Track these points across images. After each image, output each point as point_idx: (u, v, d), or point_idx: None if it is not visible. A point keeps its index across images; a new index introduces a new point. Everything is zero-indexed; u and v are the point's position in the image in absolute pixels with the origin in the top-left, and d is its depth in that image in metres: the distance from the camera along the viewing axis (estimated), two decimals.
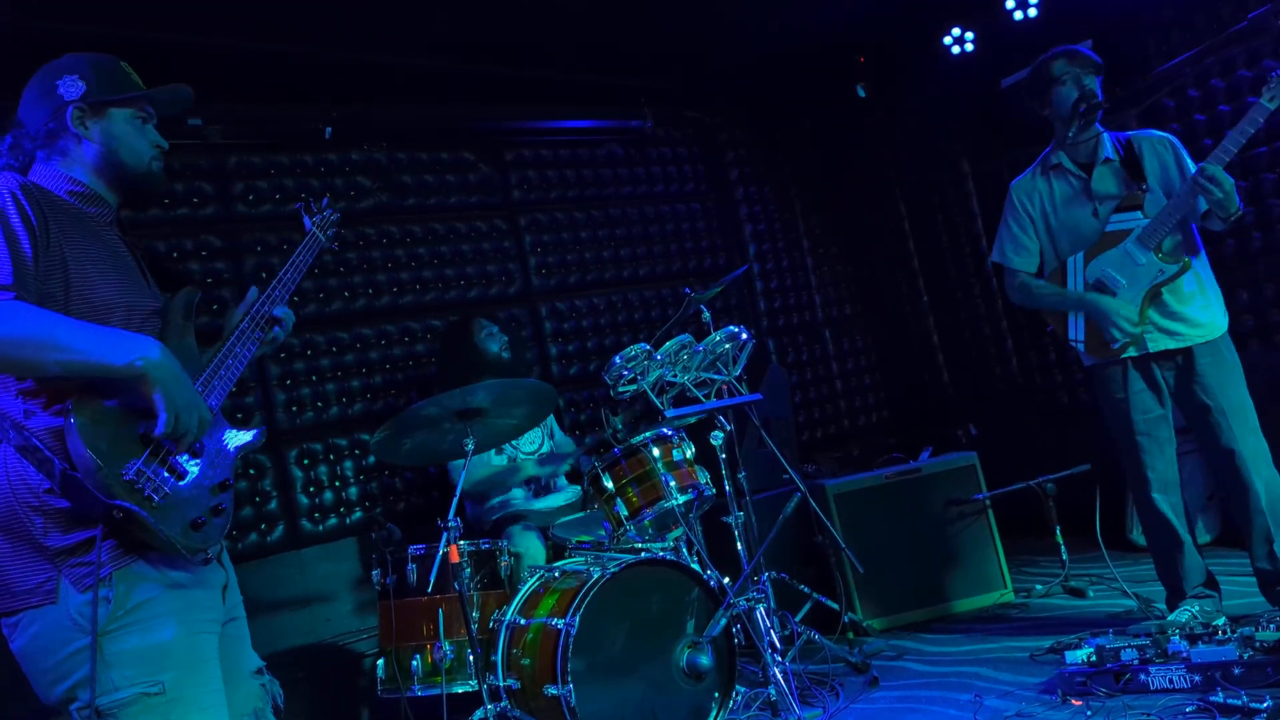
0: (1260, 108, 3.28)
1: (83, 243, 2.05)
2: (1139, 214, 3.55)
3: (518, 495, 4.58)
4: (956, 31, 5.86)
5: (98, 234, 2.12)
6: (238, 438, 2.23)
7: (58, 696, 1.92)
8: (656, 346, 3.73)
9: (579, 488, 4.68)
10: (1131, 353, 3.59)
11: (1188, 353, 3.55)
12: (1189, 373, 3.55)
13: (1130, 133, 3.71)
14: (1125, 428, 3.68)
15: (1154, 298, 3.53)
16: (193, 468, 2.03)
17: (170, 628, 1.95)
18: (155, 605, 1.94)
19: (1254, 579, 3.62)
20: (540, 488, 4.63)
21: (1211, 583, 3.68)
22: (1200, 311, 3.55)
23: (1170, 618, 3.58)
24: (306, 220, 2.69)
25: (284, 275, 2.46)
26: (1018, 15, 5.48)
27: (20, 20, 3.79)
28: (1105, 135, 3.68)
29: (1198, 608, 3.57)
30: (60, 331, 1.87)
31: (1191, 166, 3.52)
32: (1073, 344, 3.71)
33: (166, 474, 1.95)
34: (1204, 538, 5.00)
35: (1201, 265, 3.60)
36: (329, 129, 5.05)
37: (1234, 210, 3.38)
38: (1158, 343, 3.56)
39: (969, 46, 5.86)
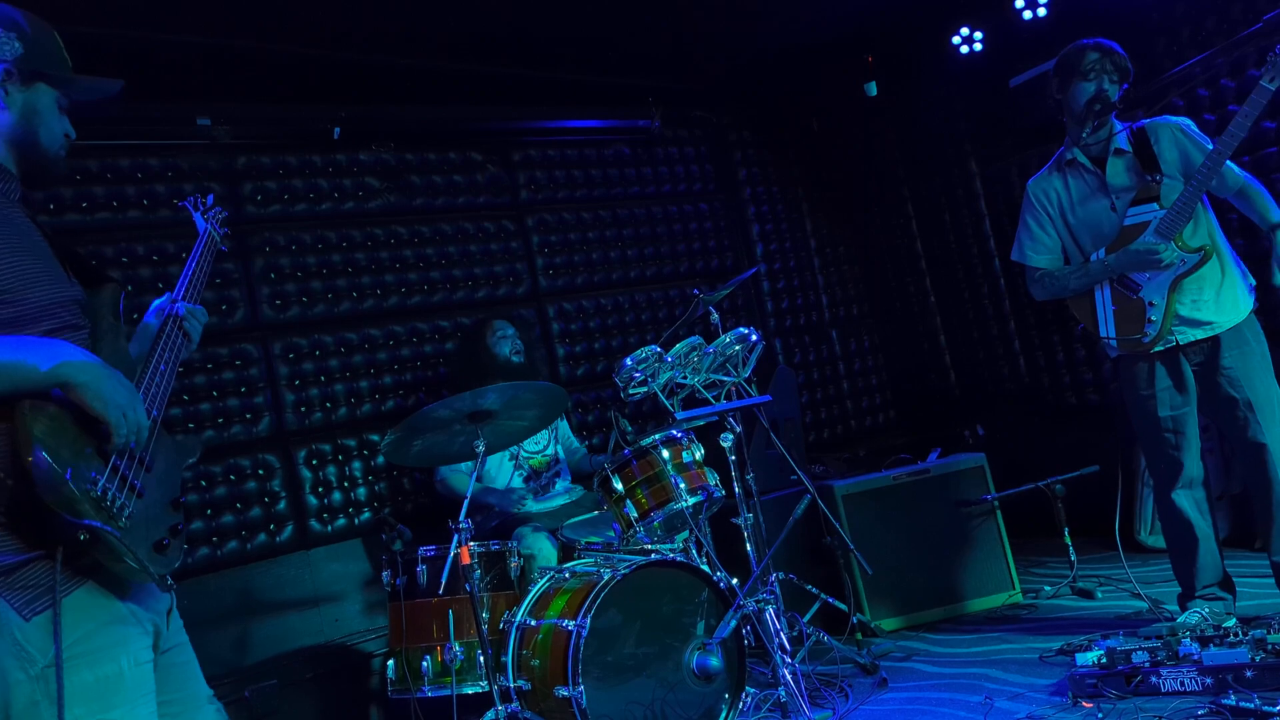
0: (1261, 90, 3.27)
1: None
2: (1155, 205, 3.52)
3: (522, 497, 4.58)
4: (965, 31, 5.85)
5: (6, 214, 1.90)
6: (181, 448, 2.10)
7: None
8: (666, 348, 3.74)
9: (581, 487, 4.69)
10: (1159, 347, 3.58)
11: (1214, 341, 3.52)
12: (1215, 362, 3.52)
13: (1142, 121, 3.67)
14: (1150, 423, 3.67)
15: (1177, 288, 3.51)
16: (148, 485, 1.86)
17: (118, 659, 1.79)
18: (102, 635, 1.78)
19: (1267, 580, 3.62)
20: (540, 487, 4.63)
21: (1227, 584, 3.67)
22: (1222, 296, 3.51)
23: (1180, 619, 3.58)
24: (199, 221, 2.48)
25: (194, 278, 2.31)
26: (1027, 15, 5.47)
27: None
28: (1117, 126, 3.66)
29: (1207, 609, 3.56)
30: None
31: (1207, 144, 3.49)
32: (1104, 340, 3.68)
33: (129, 492, 1.78)
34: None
35: (1224, 245, 3.56)
36: (337, 129, 5.06)
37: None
38: (1185, 335, 3.55)
39: (978, 46, 5.86)
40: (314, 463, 4.90)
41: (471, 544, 3.43)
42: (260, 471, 4.76)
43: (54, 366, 1.73)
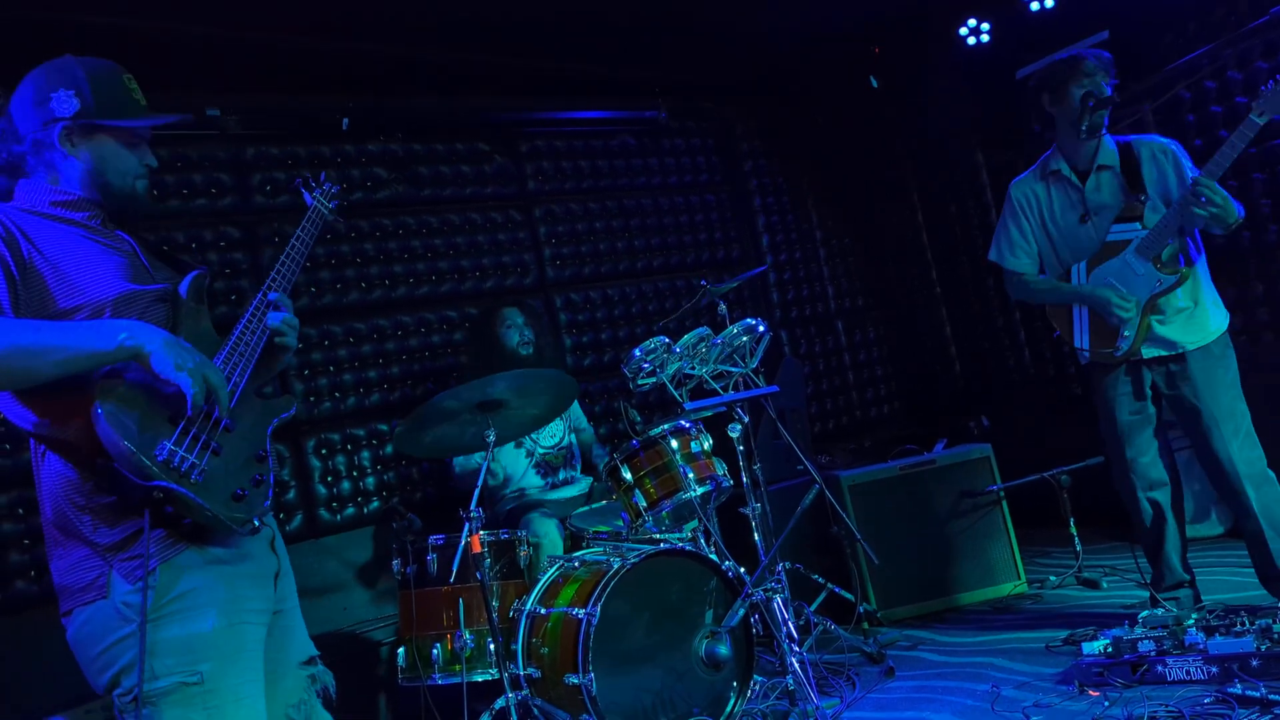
0: (1250, 123, 3.30)
1: (63, 247, 2.04)
2: (1138, 225, 3.58)
3: (534, 486, 4.60)
4: (972, 22, 5.85)
5: (84, 235, 2.11)
6: (270, 408, 2.21)
7: (104, 684, 1.95)
8: (674, 339, 3.75)
9: (590, 479, 4.71)
10: (1119, 353, 3.63)
11: (1180, 358, 3.59)
12: (1181, 376, 3.59)
13: (1131, 136, 3.72)
14: (1110, 426, 3.77)
15: (1153, 308, 3.56)
16: (227, 443, 2.02)
17: (211, 617, 1.95)
18: (198, 595, 1.95)
19: None
20: (558, 481, 4.65)
21: (1184, 584, 3.77)
22: (1191, 324, 3.57)
23: (1144, 614, 3.57)
24: (307, 196, 2.63)
25: (283, 260, 2.39)
26: (1034, 6, 5.48)
27: (28, 13, 3.78)
28: (1106, 139, 3.69)
29: (1161, 612, 3.59)
30: (42, 335, 1.87)
31: (1189, 172, 3.53)
32: (1078, 350, 3.77)
33: (202, 451, 1.94)
34: (1217, 529, 5.03)
35: (1200, 271, 3.61)
36: (346, 120, 5.06)
37: (1232, 220, 3.38)
38: (1150, 351, 3.62)
39: (984, 37, 5.86)
40: (323, 452, 4.92)
41: (482, 533, 3.45)
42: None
43: (119, 343, 1.89)
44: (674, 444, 3.77)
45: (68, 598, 1.97)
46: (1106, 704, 3.05)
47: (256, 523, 2.02)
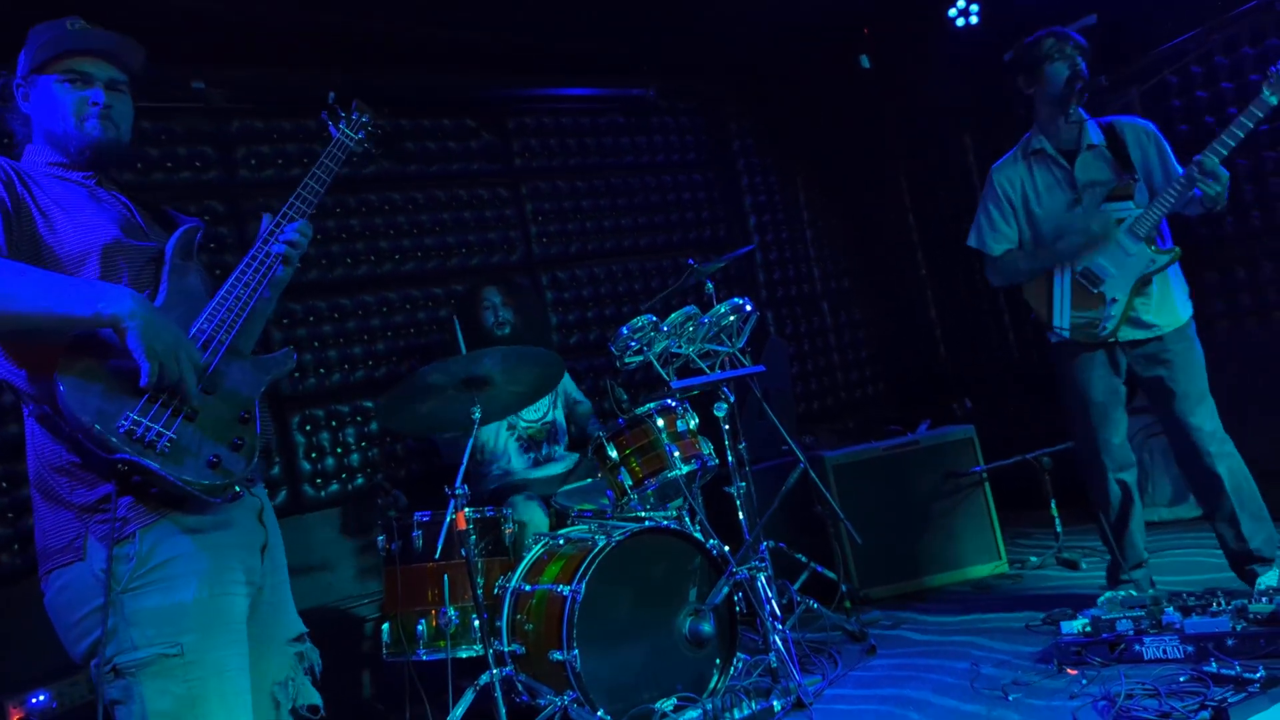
0: (1261, 102, 3.26)
1: (59, 196, 2.04)
2: (1130, 204, 3.54)
3: (518, 464, 4.61)
4: (961, 3, 5.83)
5: (80, 194, 2.10)
6: (264, 365, 2.14)
7: (81, 653, 1.92)
8: (660, 315, 3.75)
9: (576, 455, 4.71)
10: (1104, 333, 3.61)
11: (1157, 340, 3.59)
12: (1159, 358, 3.59)
13: (1110, 118, 3.69)
14: (1084, 408, 3.76)
15: (1142, 287, 3.54)
16: (204, 407, 1.96)
17: (193, 588, 1.91)
18: (179, 564, 1.91)
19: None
20: (541, 457, 4.65)
21: (1143, 564, 3.82)
22: (1164, 306, 3.57)
23: (1104, 596, 3.61)
24: (333, 129, 2.52)
25: (300, 191, 2.31)
26: None
27: None
28: (1088, 121, 3.67)
29: (1123, 594, 3.62)
30: (19, 286, 1.83)
31: (1172, 156, 3.53)
32: (1056, 330, 3.70)
33: (172, 417, 1.89)
34: (1195, 511, 5.06)
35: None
36: (332, 94, 4.98)
37: (1222, 204, 3.39)
38: (1126, 334, 3.61)
39: (973, 19, 5.84)
40: (307, 428, 4.92)
41: (467, 509, 3.46)
42: None
43: (95, 311, 1.84)
44: (660, 422, 3.77)
45: (46, 559, 1.95)
46: (1084, 682, 3.08)
47: (237, 489, 1.96)
